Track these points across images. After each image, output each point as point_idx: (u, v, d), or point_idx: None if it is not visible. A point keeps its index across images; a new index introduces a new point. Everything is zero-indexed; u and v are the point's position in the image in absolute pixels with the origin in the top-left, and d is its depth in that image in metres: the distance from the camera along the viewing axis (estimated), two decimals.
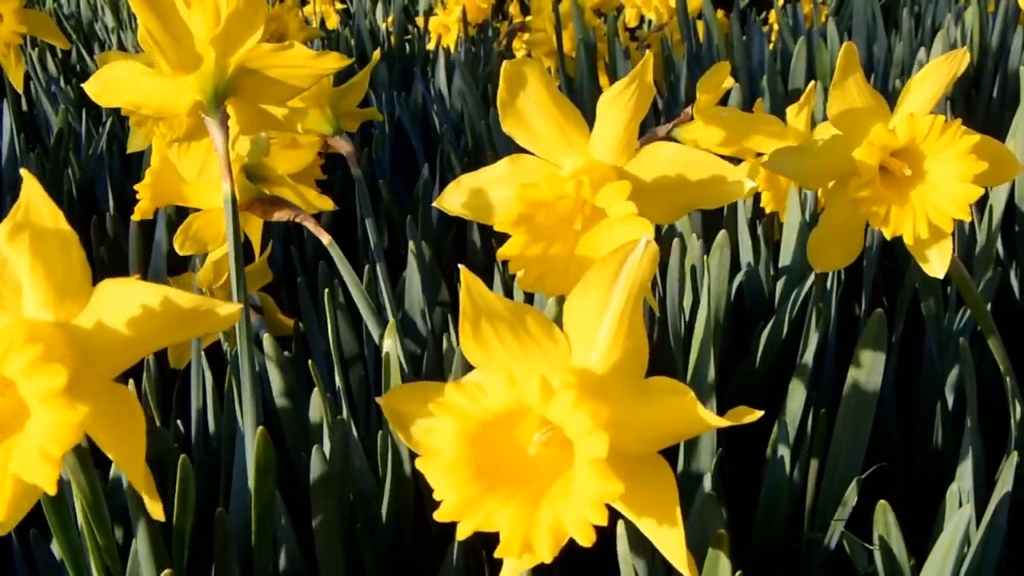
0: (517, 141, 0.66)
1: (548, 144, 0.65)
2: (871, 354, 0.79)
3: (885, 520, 0.73)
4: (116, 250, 1.29)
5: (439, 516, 0.45)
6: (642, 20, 2.41)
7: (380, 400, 0.51)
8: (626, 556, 0.64)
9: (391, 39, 2.30)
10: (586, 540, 0.43)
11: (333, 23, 2.84)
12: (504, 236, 0.63)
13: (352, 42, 2.31)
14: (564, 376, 0.46)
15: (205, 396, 0.91)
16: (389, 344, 0.81)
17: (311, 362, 0.82)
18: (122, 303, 0.49)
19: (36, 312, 0.49)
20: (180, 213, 0.93)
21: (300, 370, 0.94)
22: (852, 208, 0.69)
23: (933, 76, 0.69)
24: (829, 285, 0.97)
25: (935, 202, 0.68)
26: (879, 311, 0.78)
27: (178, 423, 0.94)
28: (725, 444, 0.81)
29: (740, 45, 1.81)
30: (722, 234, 1.00)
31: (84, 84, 0.71)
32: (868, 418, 0.80)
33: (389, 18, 2.57)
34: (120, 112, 1.72)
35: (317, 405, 0.85)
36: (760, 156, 1.05)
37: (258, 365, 0.91)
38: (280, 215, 0.87)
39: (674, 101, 1.72)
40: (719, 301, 1.00)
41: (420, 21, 2.56)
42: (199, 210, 0.94)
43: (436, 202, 0.68)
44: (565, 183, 0.61)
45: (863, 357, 0.79)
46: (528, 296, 0.94)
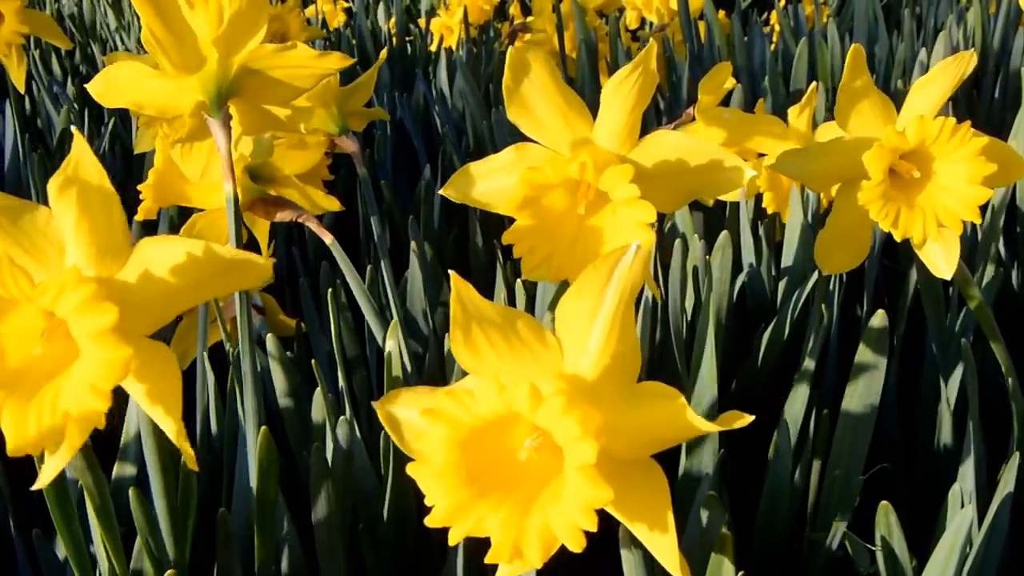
0: (521, 129, 0.66)
1: (552, 131, 0.66)
2: (873, 355, 0.79)
3: (887, 521, 0.73)
4: None
5: (430, 521, 0.45)
6: (643, 22, 2.41)
7: (376, 404, 0.51)
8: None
9: (393, 40, 2.30)
10: (576, 546, 0.43)
11: (338, 22, 2.85)
12: (509, 226, 0.64)
13: (354, 43, 2.32)
14: (554, 381, 0.46)
15: (208, 396, 0.91)
16: (392, 344, 0.81)
17: (314, 362, 0.83)
18: (161, 257, 0.51)
19: (80, 267, 0.50)
20: (183, 214, 0.93)
21: (302, 370, 0.95)
22: (860, 210, 0.69)
23: (940, 78, 0.69)
24: (831, 286, 0.97)
25: (944, 204, 0.68)
26: (881, 312, 0.78)
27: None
28: (727, 444, 0.81)
29: (741, 46, 1.82)
30: (724, 235, 1.00)
31: (87, 84, 0.71)
32: (870, 419, 0.80)
33: (391, 19, 2.57)
34: (122, 113, 1.72)
35: (319, 405, 0.85)
36: (762, 157, 1.05)
37: (260, 366, 0.91)
38: (283, 215, 0.87)
39: (676, 102, 1.72)
40: (721, 302, 1.00)
41: (422, 22, 2.56)
42: (202, 210, 0.94)
43: (442, 190, 0.68)
44: (568, 165, 0.62)
45: (865, 358, 0.79)
46: (529, 297, 0.94)
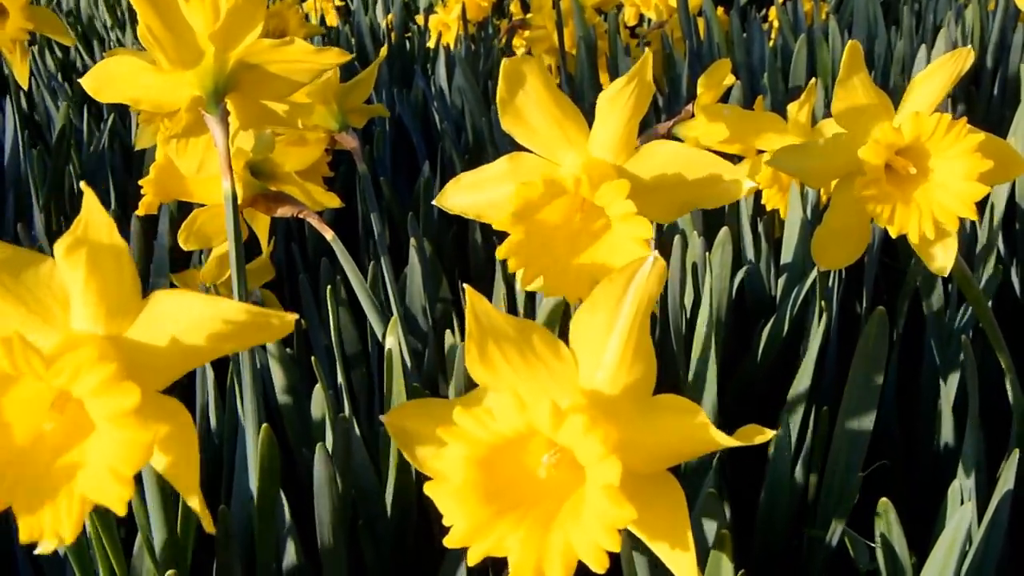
0: (516, 139, 0.65)
1: (547, 142, 0.65)
2: (872, 352, 0.79)
3: (887, 518, 0.73)
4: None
5: (449, 542, 0.44)
6: (641, 18, 2.41)
7: (384, 418, 0.49)
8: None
9: (391, 36, 2.30)
10: (599, 567, 0.42)
11: (330, 19, 2.84)
12: (504, 234, 0.63)
13: (352, 39, 2.31)
14: (573, 397, 0.45)
15: (207, 393, 0.91)
16: (392, 341, 0.81)
17: (314, 359, 0.83)
18: (174, 315, 0.48)
19: (86, 325, 0.48)
20: (182, 209, 0.93)
21: (302, 367, 0.94)
22: (857, 206, 0.69)
23: (938, 74, 0.69)
24: (830, 282, 0.97)
25: (940, 200, 0.68)
26: (881, 308, 0.78)
27: None
28: None
29: (741, 42, 1.81)
30: (724, 231, 1.00)
31: (81, 79, 0.70)
32: (869, 416, 0.80)
33: (389, 15, 2.57)
34: (120, 109, 1.72)
35: (319, 402, 0.85)
36: (761, 153, 1.05)
37: (260, 362, 0.91)
38: (283, 211, 0.87)
39: (675, 98, 1.72)
40: (721, 298, 1.00)
41: (420, 19, 2.56)
42: (203, 205, 0.93)
43: (436, 200, 0.67)
44: (564, 181, 0.61)
45: (864, 354, 0.79)
46: (529, 299, 0.94)
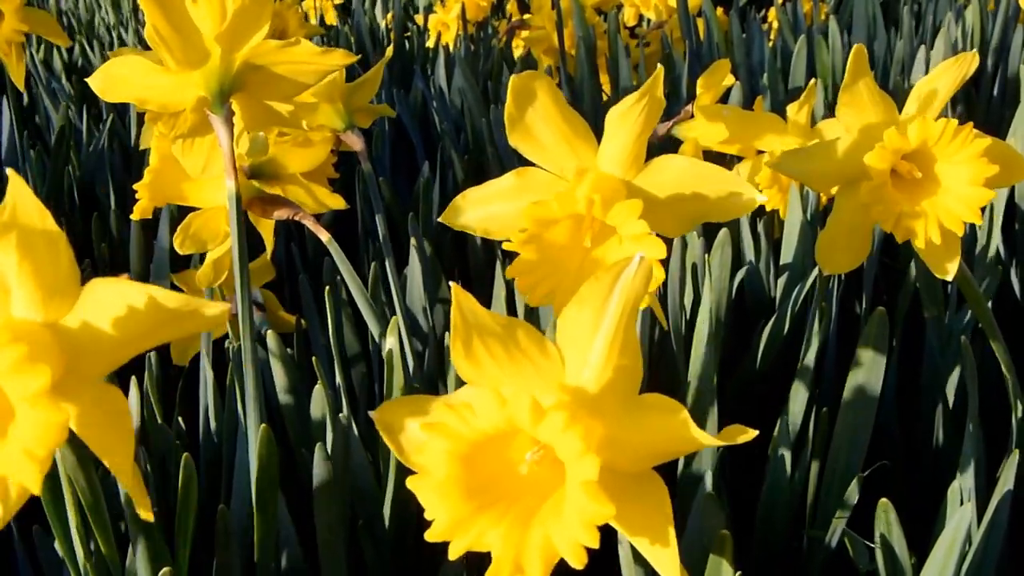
0: (524, 155, 0.65)
1: (556, 157, 0.65)
2: (872, 352, 0.79)
3: (886, 518, 0.73)
4: (118, 248, 1.29)
5: (430, 536, 0.44)
6: (641, 18, 2.41)
7: (373, 414, 0.50)
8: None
9: (391, 36, 2.30)
10: (578, 562, 0.43)
11: (328, 18, 2.84)
12: (512, 252, 0.62)
13: (352, 39, 2.31)
14: (556, 394, 0.45)
15: (207, 393, 0.91)
16: (391, 342, 0.81)
17: (315, 359, 0.83)
18: (110, 303, 0.49)
19: (24, 312, 0.49)
20: (182, 210, 0.93)
21: (302, 367, 0.95)
22: (861, 210, 0.69)
23: (942, 78, 0.69)
24: (830, 283, 0.98)
25: (946, 205, 0.68)
26: (881, 309, 0.78)
27: (180, 420, 0.94)
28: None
29: (740, 43, 1.81)
30: (723, 232, 1.00)
31: (88, 79, 0.71)
32: (869, 416, 0.80)
33: (388, 15, 2.57)
34: (120, 110, 1.72)
35: (319, 402, 0.85)
36: (761, 154, 1.05)
37: (260, 362, 0.91)
38: (279, 214, 0.87)
39: (675, 99, 1.72)
40: (720, 299, 1.00)
41: (419, 19, 2.56)
42: (199, 209, 0.93)
43: (442, 218, 0.67)
44: (576, 202, 0.61)
45: (864, 355, 0.79)
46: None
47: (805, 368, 0.87)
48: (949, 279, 0.70)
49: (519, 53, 2.15)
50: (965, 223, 0.68)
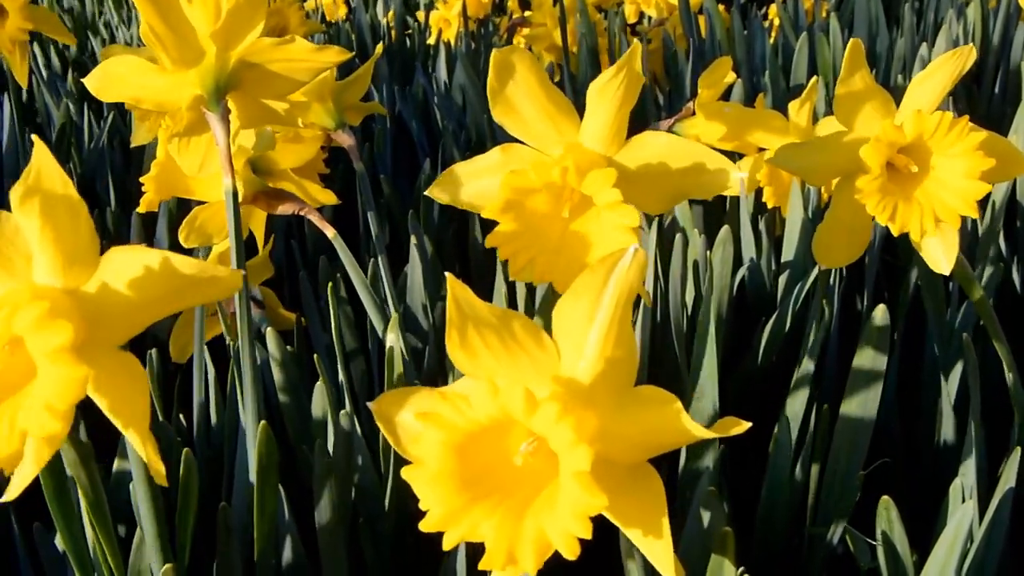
0: (508, 130, 0.65)
1: (538, 133, 0.65)
2: (873, 350, 0.79)
3: (888, 516, 0.73)
4: (117, 244, 1.29)
5: (424, 526, 0.45)
6: (642, 16, 2.41)
7: (371, 405, 0.50)
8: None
9: (392, 33, 2.30)
10: (570, 553, 0.43)
11: (340, 15, 2.84)
12: (494, 223, 0.63)
13: (353, 36, 2.31)
14: (550, 385, 0.45)
15: (207, 390, 0.91)
16: (392, 338, 0.81)
17: (316, 356, 0.82)
18: (128, 268, 0.51)
19: (46, 278, 0.50)
20: (181, 207, 0.93)
21: (302, 365, 0.94)
22: (858, 205, 0.69)
23: (939, 72, 0.69)
24: (831, 280, 0.97)
25: (942, 199, 0.68)
26: (882, 306, 0.78)
27: (180, 417, 0.94)
28: (727, 440, 0.81)
29: (741, 40, 1.81)
30: (724, 229, 0.99)
31: (84, 79, 0.71)
32: (870, 414, 0.79)
33: (390, 12, 2.56)
34: (120, 106, 1.72)
35: (320, 399, 0.85)
36: (762, 151, 1.05)
37: (260, 359, 0.91)
38: (284, 208, 0.87)
39: (676, 96, 1.72)
40: (721, 296, 1.00)
41: (420, 15, 2.56)
42: (201, 203, 0.93)
43: (428, 191, 0.67)
44: (551, 170, 0.62)
45: (865, 353, 0.79)
46: (529, 291, 0.94)
47: (806, 366, 0.87)
48: (945, 272, 0.70)
49: None
50: (962, 217, 0.67)
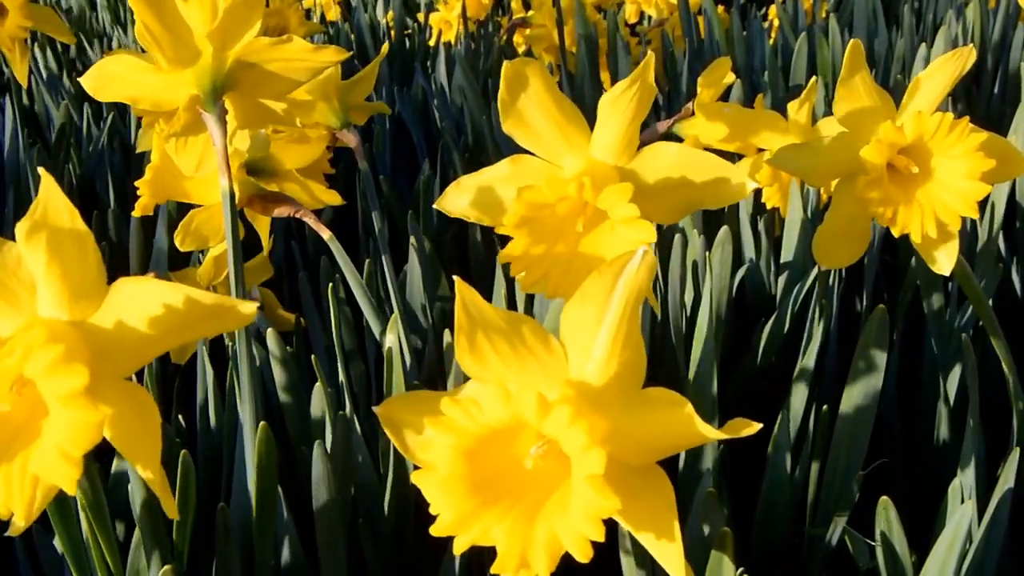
0: (518, 142, 0.65)
1: (549, 145, 0.65)
2: (873, 350, 0.79)
3: (887, 516, 0.73)
4: (117, 246, 1.29)
5: (435, 531, 0.44)
6: (642, 16, 2.41)
7: (377, 409, 0.50)
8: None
9: (391, 34, 2.30)
10: (583, 556, 0.43)
11: (333, 14, 2.84)
12: (506, 237, 0.63)
13: (352, 37, 2.31)
14: (561, 389, 0.45)
15: (206, 391, 0.91)
16: (391, 339, 0.81)
17: (314, 357, 0.82)
18: (139, 302, 0.49)
19: (51, 311, 0.49)
20: (181, 209, 0.93)
21: (302, 365, 0.94)
22: (858, 206, 0.69)
23: (939, 73, 0.69)
24: (831, 281, 0.97)
25: (943, 200, 0.68)
26: (881, 307, 0.78)
27: (179, 418, 0.94)
28: (727, 440, 0.81)
29: (741, 41, 1.81)
30: (724, 230, 0.99)
31: (80, 78, 0.70)
32: (870, 414, 0.79)
33: (389, 13, 2.56)
34: (120, 108, 1.72)
35: (319, 400, 0.85)
36: (762, 152, 1.05)
37: (260, 360, 0.91)
38: (280, 211, 0.87)
39: (675, 96, 1.72)
40: (721, 297, 1.00)
41: (420, 16, 2.56)
42: (200, 206, 0.93)
43: (436, 204, 0.67)
44: (567, 185, 0.61)
45: (865, 353, 0.79)
46: (529, 298, 0.94)
47: (805, 366, 0.87)
48: (946, 273, 0.70)
49: (520, 51, 2.15)
50: (962, 218, 0.67)
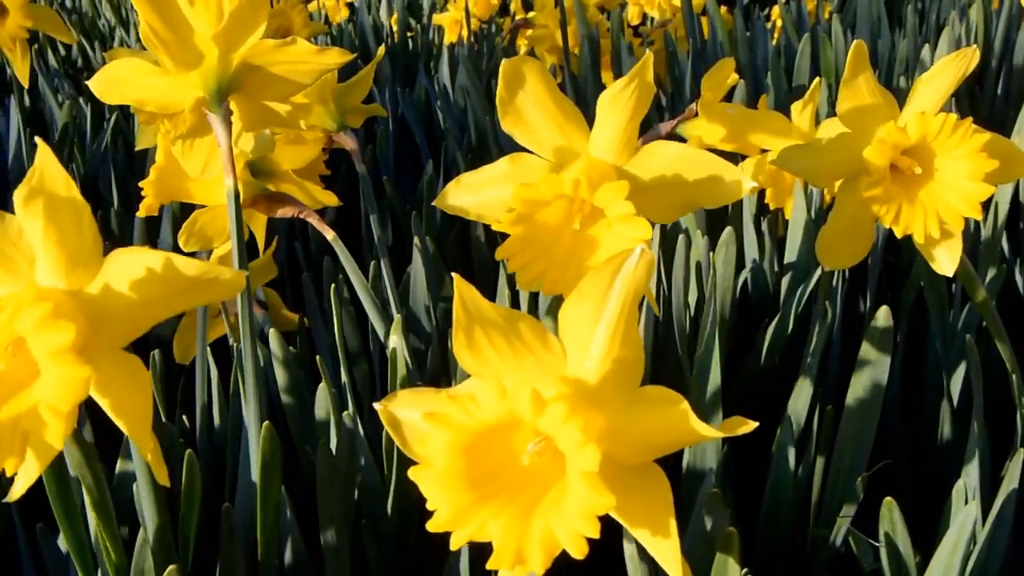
0: (516, 139, 0.65)
1: (547, 142, 0.65)
2: (876, 351, 0.79)
3: (891, 517, 0.73)
4: (120, 246, 1.29)
5: (432, 526, 0.45)
6: (645, 17, 2.41)
7: (378, 405, 0.50)
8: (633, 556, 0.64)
9: (395, 35, 2.30)
10: (578, 552, 0.43)
11: (341, 17, 2.84)
12: (506, 234, 0.63)
13: (356, 38, 2.31)
14: (557, 386, 0.45)
15: (210, 391, 0.91)
16: (395, 340, 0.81)
17: (319, 357, 0.83)
18: (131, 270, 0.51)
19: (49, 280, 0.50)
20: (185, 209, 0.93)
21: (305, 366, 0.94)
22: (862, 206, 0.69)
23: (943, 74, 0.69)
24: (834, 282, 0.97)
25: (946, 200, 0.68)
26: (885, 308, 0.78)
27: (183, 418, 0.94)
28: (730, 440, 0.81)
29: (744, 41, 1.81)
30: (727, 231, 0.99)
31: (88, 81, 0.71)
32: (873, 415, 0.79)
33: (393, 15, 2.57)
34: (124, 108, 1.72)
35: (323, 401, 0.85)
36: (765, 152, 1.05)
37: (263, 360, 0.91)
38: (284, 211, 0.87)
39: (678, 97, 1.72)
40: (724, 298, 1.00)
41: (425, 17, 2.56)
42: (203, 206, 0.93)
43: (436, 201, 0.67)
44: (563, 182, 0.61)
45: (868, 354, 0.79)
46: (532, 299, 0.94)
47: (809, 366, 0.87)
48: (949, 274, 0.70)
49: (523, 52, 2.15)
50: (965, 218, 0.67)
